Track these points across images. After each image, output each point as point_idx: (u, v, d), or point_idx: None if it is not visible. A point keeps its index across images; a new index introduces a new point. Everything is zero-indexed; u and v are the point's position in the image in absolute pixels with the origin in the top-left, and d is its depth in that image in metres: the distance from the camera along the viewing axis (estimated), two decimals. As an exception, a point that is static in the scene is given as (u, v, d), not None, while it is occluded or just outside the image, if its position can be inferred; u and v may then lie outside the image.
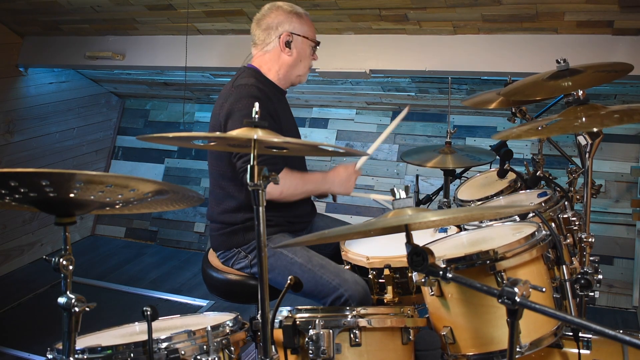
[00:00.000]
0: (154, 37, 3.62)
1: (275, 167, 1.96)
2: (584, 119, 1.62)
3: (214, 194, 2.15)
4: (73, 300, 1.15)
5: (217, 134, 1.39)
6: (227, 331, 1.49)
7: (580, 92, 1.70)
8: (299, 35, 2.14)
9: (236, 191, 2.09)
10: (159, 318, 1.48)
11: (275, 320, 1.52)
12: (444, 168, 2.46)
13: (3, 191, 1.08)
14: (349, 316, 1.51)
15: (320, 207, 4.05)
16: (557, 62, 1.84)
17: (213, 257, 2.21)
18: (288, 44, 2.12)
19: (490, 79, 3.28)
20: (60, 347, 1.37)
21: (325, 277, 1.94)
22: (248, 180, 1.30)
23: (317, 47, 2.23)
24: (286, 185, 2.01)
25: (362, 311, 1.53)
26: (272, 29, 2.12)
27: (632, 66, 1.82)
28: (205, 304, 3.44)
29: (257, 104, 1.37)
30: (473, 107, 2.92)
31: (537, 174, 2.16)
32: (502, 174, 2.33)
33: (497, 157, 2.35)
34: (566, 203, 1.95)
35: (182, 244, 4.38)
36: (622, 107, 1.62)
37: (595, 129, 1.76)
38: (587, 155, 1.88)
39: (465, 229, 1.91)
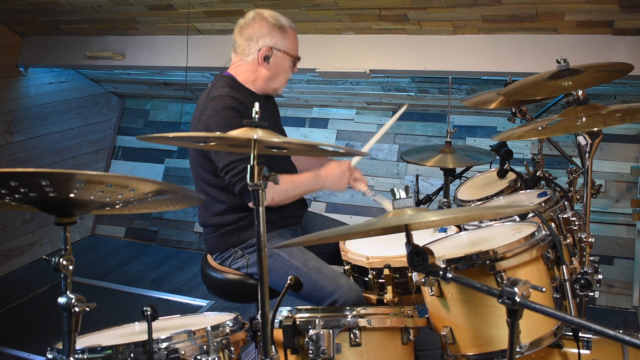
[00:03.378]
0: (154, 37, 3.62)
1: None
2: (584, 119, 1.62)
3: None
4: (73, 300, 1.15)
5: (217, 133, 1.39)
6: (227, 331, 1.49)
7: (580, 92, 1.70)
8: (279, 50, 2.11)
9: (222, 196, 2.09)
10: (159, 318, 1.48)
11: (275, 320, 1.52)
12: (444, 167, 2.46)
13: (3, 191, 1.08)
14: (349, 316, 1.51)
15: (320, 207, 4.05)
16: (557, 62, 1.84)
17: (212, 258, 2.20)
18: (267, 59, 2.10)
19: (490, 79, 3.28)
20: (60, 347, 1.37)
21: (321, 282, 1.94)
22: (248, 181, 1.30)
23: (298, 61, 2.20)
24: (277, 191, 2.00)
25: (362, 311, 1.53)
26: (253, 41, 2.10)
27: (632, 66, 1.82)
28: (205, 304, 3.44)
29: (257, 104, 1.38)
30: (473, 107, 2.92)
31: (537, 174, 2.16)
32: (502, 174, 2.33)
33: (497, 157, 2.35)
34: (566, 203, 1.95)
35: (182, 244, 4.38)
36: (623, 107, 1.62)
37: (596, 129, 1.76)
38: (587, 155, 1.88)
39: (465, 229, 1.91)
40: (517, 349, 1.47)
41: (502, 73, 2.92)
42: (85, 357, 1.37)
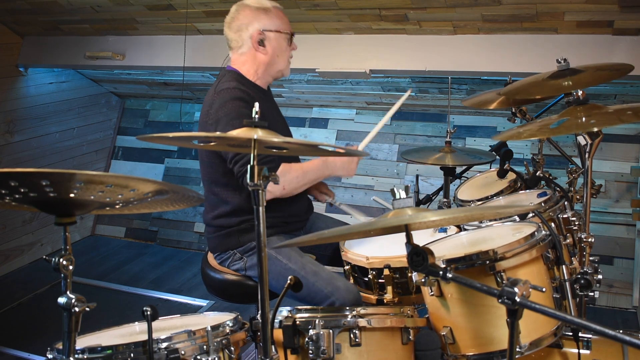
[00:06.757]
0: (154, 37, 3.62)
1: (272, 164, 1.96)
2: (584, 119, 1.62)
3: (208, 199, 2.14)
4: (73, 300, 1.15)
5: (217, 133, 1.39)
6: (227, 331, 1.49)
7: (580, 92, 1.70)
8: (270, 31, 2.09)
9: (229, 196, 2.08)
10: (159, 318, 1.48)
11: (275, 320, 1.52)
12: (444, 166, 2.46)
13: (3, 191, 1.08)
14: (349, 316, 1.51)
15: (319, 207, 4.05)
16: (557, 62, 1.83)
17: (212, 258, 2.21)
18: (261, 43, 2.09)
19: (490, 79, 3.28)
20: (60, 347, 1.37)
21: (318, 284, 1.93)
22: (248, 181, 1.30)
23: (294, 37, 2.16)
24: (287, 181, 1.99)
25: (362, 311, 1.53)
26: (243, 30, 2.09)
27: (632, 66, 1.82)
28: (205, 304, 3.44)
29: (257, 104, 1.37)
30: (473, 107, 2.92)
31: (537, 174, 2.16)
32: (502, 174, 2.33)
33: (497, 157, 2.35)
34: (566, 203, 1.95)
35: (182, 244, 4.38)
36: (634, 105, 1.60)
37: (596, 129, 1.76)
38: (587, 155, 1.88)
39: (465, 229, 1.91)
40: (517, 349, 1.46)
41: (502, 73, 2.92)
42: (85, 357, 1.36)
